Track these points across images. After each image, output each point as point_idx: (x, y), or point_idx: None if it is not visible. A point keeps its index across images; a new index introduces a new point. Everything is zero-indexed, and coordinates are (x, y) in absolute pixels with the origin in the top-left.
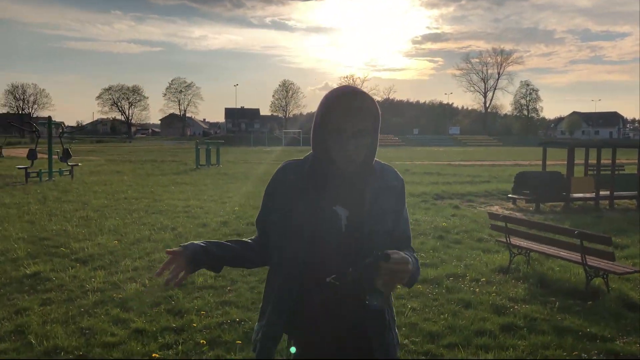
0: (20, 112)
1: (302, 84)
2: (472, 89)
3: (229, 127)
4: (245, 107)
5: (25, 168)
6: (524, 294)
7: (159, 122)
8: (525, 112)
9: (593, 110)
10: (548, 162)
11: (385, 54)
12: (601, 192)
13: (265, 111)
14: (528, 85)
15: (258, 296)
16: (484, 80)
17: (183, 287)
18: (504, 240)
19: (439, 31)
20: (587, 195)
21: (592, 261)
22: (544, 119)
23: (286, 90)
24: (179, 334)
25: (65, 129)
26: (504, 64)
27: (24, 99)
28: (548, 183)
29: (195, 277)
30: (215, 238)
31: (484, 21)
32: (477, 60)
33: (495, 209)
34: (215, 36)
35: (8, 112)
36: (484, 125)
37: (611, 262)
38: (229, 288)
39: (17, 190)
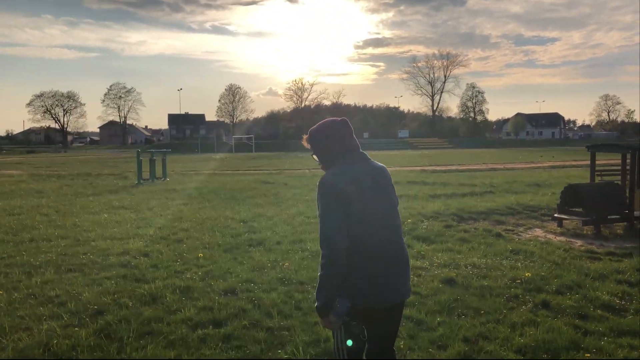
0: None
1: (246, 89)
2: (419, 92)
3: (172, 134)
4: (189, 113)
5: None
6: None
7: (98, 130)
8: (472, 114)
9: (535, 112)
10: (518, 165)
11: (328, 59)
12: None
13: (210, 117)
14: (474, 87)
15: None
16: (431, 83)
17: None
18: None
19: (379, 36)
20: None
21: None
22: (486, 120)
23: (233, 95)
24: None
25: None
26: (450, 67)
27: None
28: (609, 199)
29: None
30: (178, 333)
31: (422, 26)
32: (424, 63)
33: (540, 233)
34: (154, 41)
35: None
36: (432, 128)
37: None
38: None
39: None
